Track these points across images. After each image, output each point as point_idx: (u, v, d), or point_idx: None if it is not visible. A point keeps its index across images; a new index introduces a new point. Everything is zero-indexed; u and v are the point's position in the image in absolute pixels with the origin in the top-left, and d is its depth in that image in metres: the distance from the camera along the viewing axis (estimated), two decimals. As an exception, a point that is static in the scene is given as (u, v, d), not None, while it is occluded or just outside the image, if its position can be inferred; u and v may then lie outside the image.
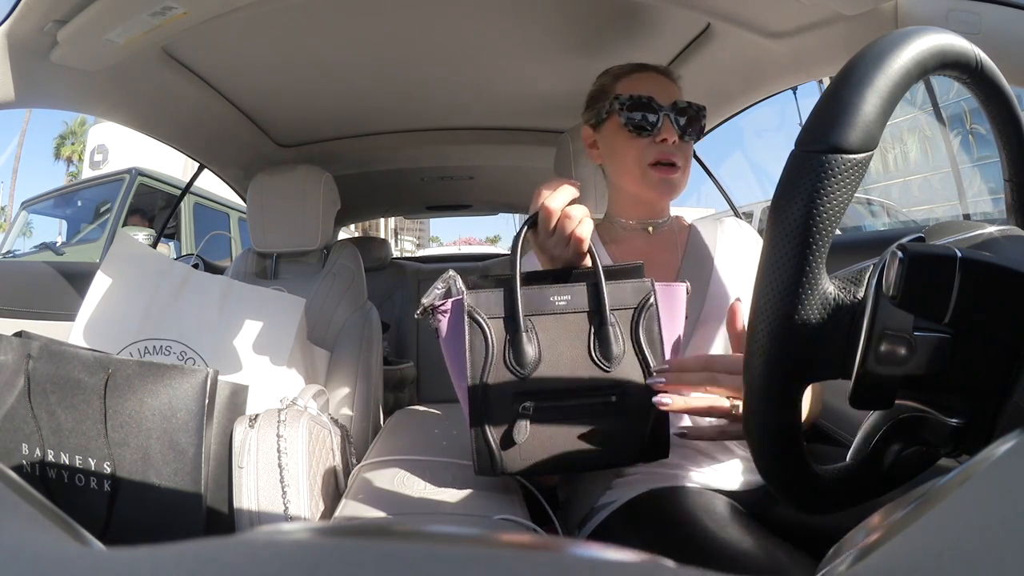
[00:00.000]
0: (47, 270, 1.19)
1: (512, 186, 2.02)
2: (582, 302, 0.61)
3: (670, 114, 0.75)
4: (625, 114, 0.76)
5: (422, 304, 0.63)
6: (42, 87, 0.89)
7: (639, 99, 0.75)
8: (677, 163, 0.76)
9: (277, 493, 0.72)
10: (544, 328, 0.60)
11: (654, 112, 0.75)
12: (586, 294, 0.61)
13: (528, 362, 0.59)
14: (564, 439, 0.59)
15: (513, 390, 0.59)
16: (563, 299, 0.61)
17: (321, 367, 1.17)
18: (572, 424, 0.59)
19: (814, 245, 0.33)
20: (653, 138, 0.75)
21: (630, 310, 0.60)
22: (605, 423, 0.59)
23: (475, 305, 0.61)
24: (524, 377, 0.59)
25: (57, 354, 0.72)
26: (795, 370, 0.35)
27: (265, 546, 0.13)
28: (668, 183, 0.76)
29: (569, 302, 0.60)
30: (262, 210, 1.23)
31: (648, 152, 0.75)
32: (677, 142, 0.75)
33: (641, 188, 0.77)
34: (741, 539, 0.58)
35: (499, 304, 0.60)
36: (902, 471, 0.39)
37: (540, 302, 0.60)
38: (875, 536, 0.17)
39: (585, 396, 0.59)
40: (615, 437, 0.59)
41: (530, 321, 0.60)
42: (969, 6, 0.67)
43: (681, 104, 0.76)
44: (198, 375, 0.72)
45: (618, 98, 0.77)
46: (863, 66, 0.33)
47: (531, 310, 0.60)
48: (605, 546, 0.14)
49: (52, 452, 0.70)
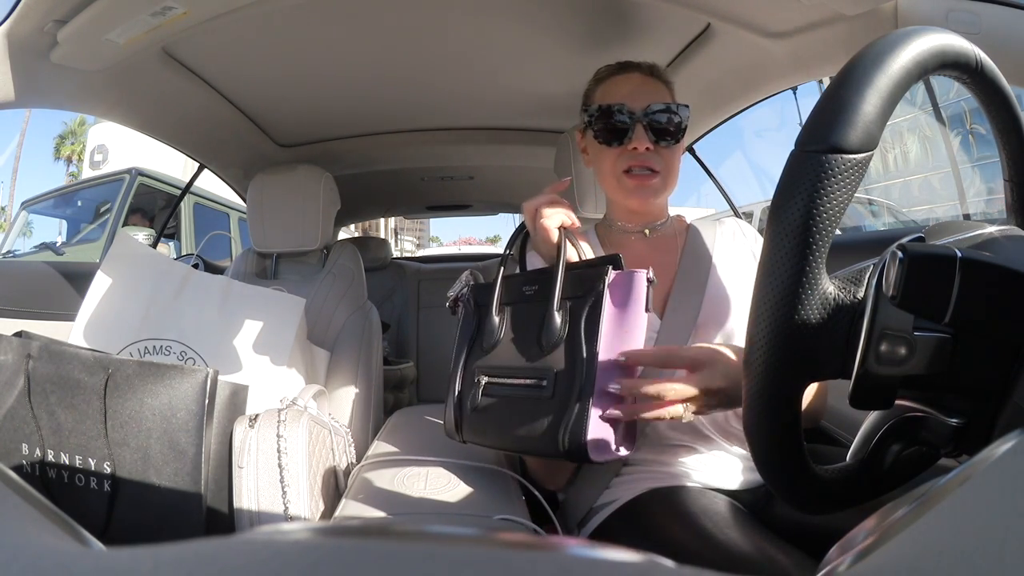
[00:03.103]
0: (47, 270, 1.19)
1: (512, 186, 2.02)
2: (545, 291, 0.64)
3: (642, 120, 0.74)
4: (595, 125, 0.76)
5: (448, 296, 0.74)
6: (42, 87, 0.89)
7: (608, 108, 0.75)
8: (655, 168, 0.75)
9: (277, 493, 0.72)
10: (515, 314, 0.67)
11: (624, 121, 0.74)
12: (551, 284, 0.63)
13: (491, 341, 0.67)
14: (503, 417, 0.64)
15: (476, 364, 0.68)
16: (532, 289, 0.66)
17: (321, 367, 1.17)
18: (511, 403, 0.63)
19: (814, 245, 0.33)
20: (625, 147, 0.74)
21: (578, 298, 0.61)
22: (535, 409, 0.60)
23: (474, 295, 0.72)
24: (485, 353, 0.67)
25: (57, 354, 0.72)
26: (795, 370, 0.35)
27: (265, 546, 0.13)
28: (645, 189, 0.75)
29: (536, 292, 0.66)
30: (262, 210, 1.23)
31: (621, 160, 0.75)
32: (652, 148, 0.74)
33: (619, 195, 0.77)
34: (741, 539, 0.58)
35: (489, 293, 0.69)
36: (902, 471, 0.39)
37: (514, 292, 0.68)
38: (875, 536, 0.17)
39: (521, 377, 0.63)
40: (539, 425, 0.60)
41: (505, 308, 0.68)
42: (969, 6, 0.67)
43: (656, 108, 0.74)
44: (198, 375, 0.72)
45: (588, 108, 0.77)
46: (863, 66, 0.33)
47: (507, 299, 0.69)
48: (605, 546, 0.14)
49: (52, 452, 0.70)
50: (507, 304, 0.68)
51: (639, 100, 0.75)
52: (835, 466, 0.39)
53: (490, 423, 0.65)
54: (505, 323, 0.67)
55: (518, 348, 0.65)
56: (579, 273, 0.63)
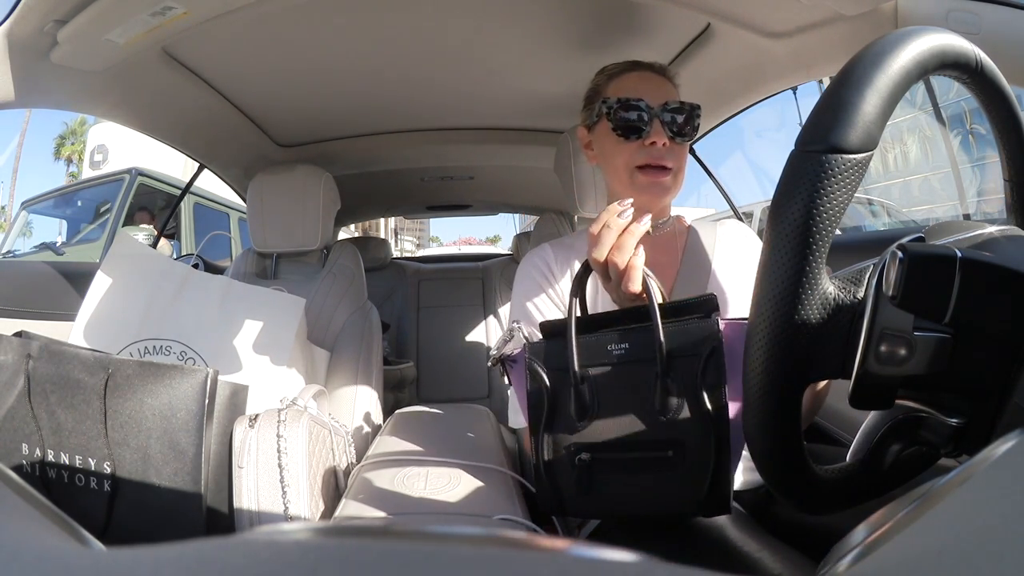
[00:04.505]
0: (47, 270, 1.20)
1: (512, 186, 2.02)
2: (640, 350, 0.56)
3: (660, 116, 0.73)
4: (614, 117, 0.75)
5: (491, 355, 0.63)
6: (42, 87, 0.89)
7: (628, 101, 0.74)
8: (668, 165, 0.74)
9: (277, 493, 0.72)
10: (602, 378, 0.58)
11: (643, 114, 0.73)
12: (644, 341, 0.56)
13: (584, 414, 0.57)
14: (621, 490, 0.57)
15: (570, 441, 0.58)
16: (620, 348, 0.57)
17: (321, 367, 1.17)
18: (629, 476, 0.56)
19: (814, 245, 0.33)
20: (643, 141, 0.74)
21: (692, 357, 0.54)
22: (662, 477, 0.55)
23: (534, 356, 0.60)
24: (580, 428, 0.58)
25: (57, 354, 0.72)
26: (795, 370, 0.35)
27: (265, 546, 0.13)
28: (658, 186, 0.75)
29: (627, 351, 0.57)
30: (262, 210, 1.23)
31: (637, 155, 0.74)
32: (668, 144, 0.74)
33: (630, 192, 0.75)
34: (740, 540, 0.58)
35: (559, 354, 0.59)
36: (902, 471, 0.39)
37: (597, 352, 0.58)
38: (875, 536, 0.17)
39: (640, 450, 0.56)
40: (672, 491, 0.54)
41: (587, 371, 0.58)
42: (969, 6, 0.67)
43: (673, 105, 0.74)
44: (198, 375, 0.72)
45: (606, 101, 0.75)
46: (863, 66, 0.33)
47: (588, 360, 0.58)
48: (605, 546, 0.14)
49: (52, 452, 0.70)
50: (588, 366, 0.58)
51: (656, 96, 0.75)
52: (835, 466, 0.39)
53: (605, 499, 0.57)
54: (596, 390, 0.58)
55: (623, 419, 0.57)
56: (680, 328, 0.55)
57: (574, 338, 0.58)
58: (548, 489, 0.59)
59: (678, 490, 0.54)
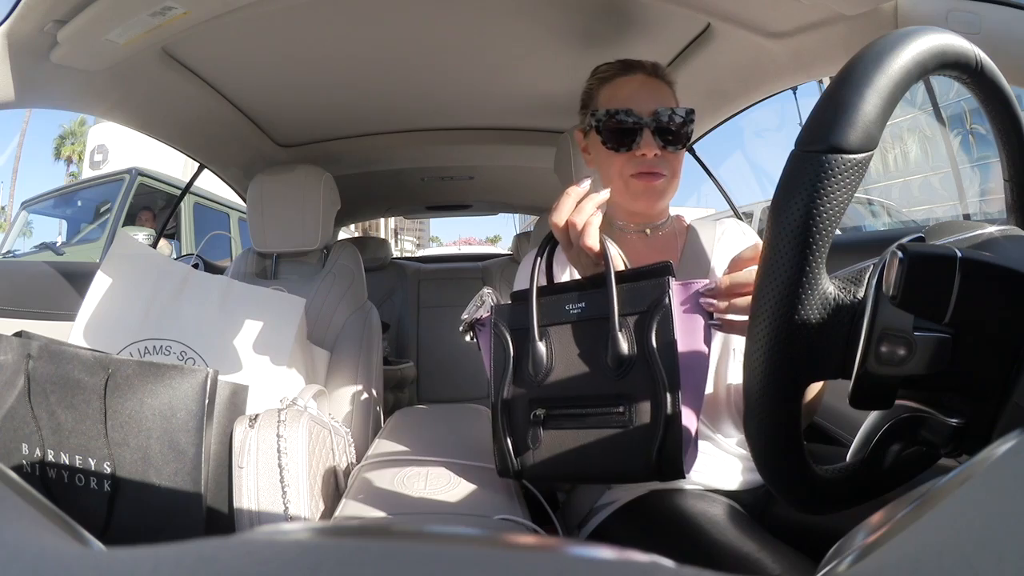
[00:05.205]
0: (47, 270, 1.20)
1: (512, 186, 2.02)
2: (596, 310, 0.58)
3: (650, 126, 0.73)
4: (603, 130, 0.74)
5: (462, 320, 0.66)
6: (42, 87, 0.89)
7: (616, 114, 0.73)
8: (662, 172, 0.74)
9: (277, 493, 0.72)
10: (560, 337, 0.60)
11: (633, 126, 0.73)
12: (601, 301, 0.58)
13: (541, 370, 0.60)
14: (574, 448, 0.58)
15: (528, 397, 0.61)
16: (578, 307, 0.60)
17: (321, 367, 1.17)
18: (582, 433, 0.58)
19: (814, 245, 0.33)
20: (633, 153, 0.73)
21: (643, 315, 0.56)
22: (613, 435, 0.56)
23: (499, 318, 0.64)
24: (537, 384, 0.60)
25: (57, 354, 0.72)
26: (795, 370, 0.35)
27: (265, 546, 0.13)
28: (652, 191, 0.74)
29: (584, 309, 0.60)
30: (262, 210, 1.23)
31: (629, 165, 0.74)
32: (660, 154, 0.73)
33: (626, 199, 0.76)
34: (740, 540, 0.58)
35: (523, 315, 0.62)
36: (902, 471, 0.39)
37: (556, 311, 0.61)
38: (875, 536, 0.17)
39: (592, 405, 0.57)
40: (622, 451, 0.56)
41: (547, 331, 0.61)
42: (969, 6, 0.67)
43: (663, 113, 0.73)
44: (198, 375, 0.72)
45: (595, 113, 0.75)
46: (863, 66, 0.33)
47: (548, 320, 0.61)
48: (605, 546, 0.14)
49: (52, 452, 0.70)
50: (548, 326, 0.61)
51: (645, 104, 0.74)
52: (835, 466, 0.39)
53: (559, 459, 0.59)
54: (552, 348, 0.60)
55: (578, 374, 0.59)
56: (632, 287, 0.57)
57: (535, 298, 0.61)
58: (502, 447, 0.61)
59: (628, 449, 0.55)
